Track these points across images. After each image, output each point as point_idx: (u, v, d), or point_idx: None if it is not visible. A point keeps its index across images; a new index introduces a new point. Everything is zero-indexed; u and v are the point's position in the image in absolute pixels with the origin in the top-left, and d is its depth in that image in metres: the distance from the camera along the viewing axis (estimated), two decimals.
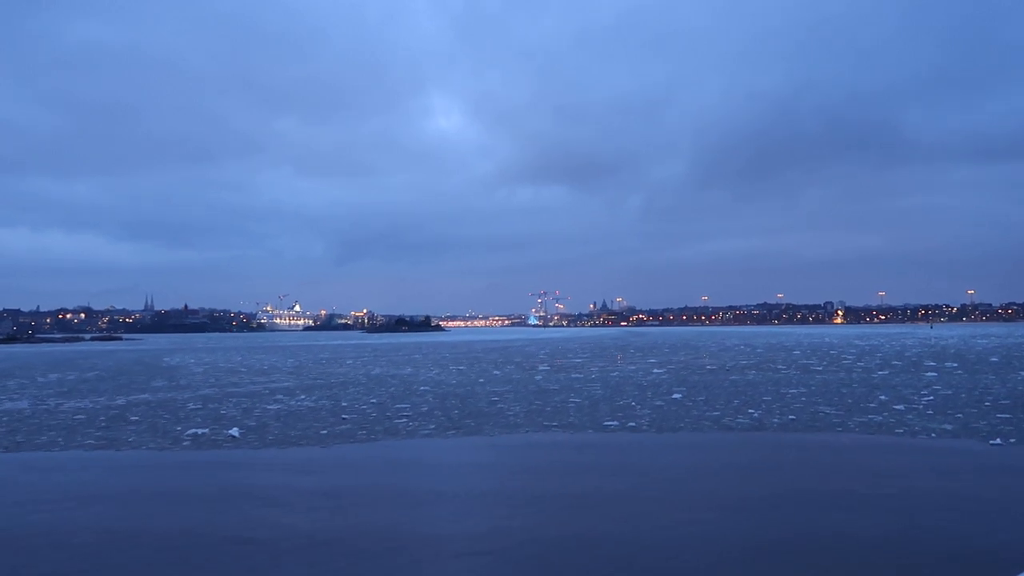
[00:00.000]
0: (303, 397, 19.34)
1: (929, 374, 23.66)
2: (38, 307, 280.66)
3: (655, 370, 27.87)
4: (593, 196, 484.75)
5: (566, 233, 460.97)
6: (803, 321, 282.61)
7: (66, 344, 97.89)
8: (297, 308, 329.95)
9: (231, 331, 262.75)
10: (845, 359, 33.24)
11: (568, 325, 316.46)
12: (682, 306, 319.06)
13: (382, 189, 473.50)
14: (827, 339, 67.76)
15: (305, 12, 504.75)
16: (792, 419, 13.92)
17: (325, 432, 12.99)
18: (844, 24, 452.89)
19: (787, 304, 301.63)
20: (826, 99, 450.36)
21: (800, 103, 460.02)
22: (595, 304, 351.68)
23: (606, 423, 13.64)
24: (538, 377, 25.34)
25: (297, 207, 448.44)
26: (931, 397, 17.00)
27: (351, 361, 38.51)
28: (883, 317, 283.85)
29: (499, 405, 16.88)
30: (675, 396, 18.04)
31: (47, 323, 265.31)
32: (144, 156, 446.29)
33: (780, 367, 28.58)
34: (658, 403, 16.76)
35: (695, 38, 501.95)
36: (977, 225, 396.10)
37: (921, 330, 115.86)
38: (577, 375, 25.96)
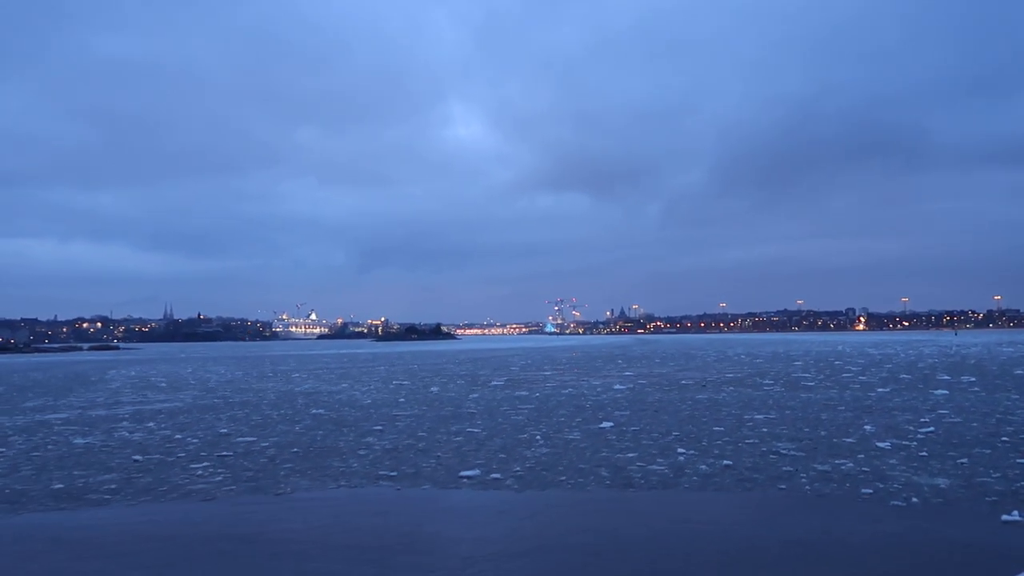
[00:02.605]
0: (150, 424, 15.74)
1: (939, 392, 19.54)
2: (55, 316, 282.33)
3: (617, 385, 23.96)
4: (612, 204, 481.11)
5: (585, 241, 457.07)
6: (824, 328, 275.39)
7: (57, 355, 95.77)
8: (313, 316, 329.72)
9: (244, 340, 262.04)
10: (847, 372, 29.06)
11: (584, 333, 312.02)
12: (700, 313, 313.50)
13: (402, 198, 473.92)
14: (840, 347, 63.18)
15: (326, 24, 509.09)
16: (727, 465, 10.01)
17: (61, 486, 9.33)
18: (864, 27, 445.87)
19: (808, 311, 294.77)
20: (846, 103, 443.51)
21: (820, 108, 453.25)
22: (612, 311, 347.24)
23: (464, 472, 9.84)
24: (474, 395, 21.56)
25: (318, 217, 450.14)
26: (931, 427, 12.97)
27: (299, 375, 34.90)
28: (907, 324, 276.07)
29: (369, 438, 13.15)
30: (604, 425, 14.17)
31: (64, 332, 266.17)
32: (168, 167, 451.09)
33: (767, 382, 24.55)
34: (571, 436, 12.92)
35: (714, 44, 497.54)
36: (1004, 229, 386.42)
37: (944, 337, 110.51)
38: (523, 392, 22.15)
